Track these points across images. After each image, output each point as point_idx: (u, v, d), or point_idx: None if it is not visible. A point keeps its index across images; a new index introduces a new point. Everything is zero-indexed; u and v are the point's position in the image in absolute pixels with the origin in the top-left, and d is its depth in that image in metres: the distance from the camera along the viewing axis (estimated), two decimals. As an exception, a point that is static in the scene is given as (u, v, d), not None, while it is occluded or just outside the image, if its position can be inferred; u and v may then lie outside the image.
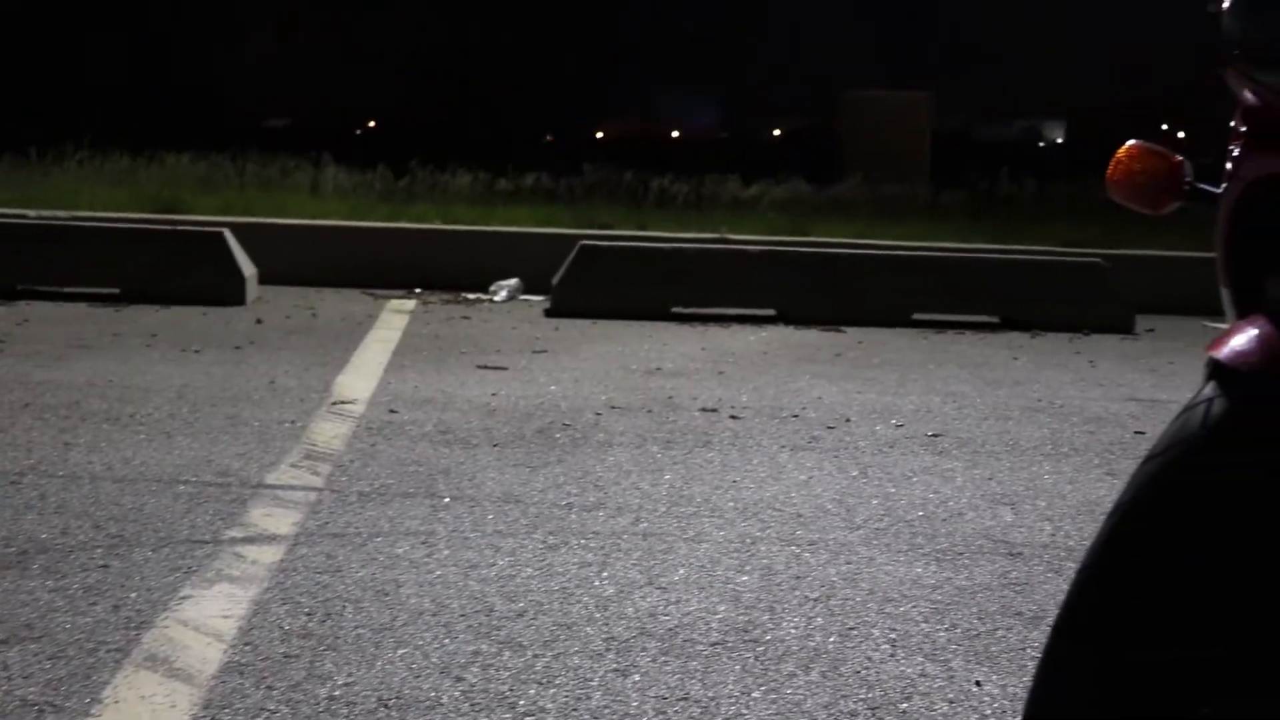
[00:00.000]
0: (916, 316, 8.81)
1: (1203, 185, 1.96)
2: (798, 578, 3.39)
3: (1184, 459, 1.52)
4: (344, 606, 3.03)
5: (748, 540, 3.70)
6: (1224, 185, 1.83)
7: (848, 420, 5.44)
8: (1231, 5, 1.73)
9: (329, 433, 4.84)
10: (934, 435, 5.20)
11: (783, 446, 4.91)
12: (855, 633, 3.01)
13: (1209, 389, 1.58)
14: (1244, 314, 1.78)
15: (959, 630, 3.06)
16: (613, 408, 5.51)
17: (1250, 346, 1.55)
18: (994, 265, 9.38)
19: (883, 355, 7.35)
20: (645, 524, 3.82)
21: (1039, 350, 7.86)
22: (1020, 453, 4.97)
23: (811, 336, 8.04)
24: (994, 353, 7.66)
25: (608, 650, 2.84)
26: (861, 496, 4.23)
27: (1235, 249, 1.87)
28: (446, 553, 3.47)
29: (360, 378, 6.01)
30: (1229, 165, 1.81)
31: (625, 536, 3.69)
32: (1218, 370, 1.60)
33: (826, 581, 3.37)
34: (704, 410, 5.54)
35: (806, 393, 6.06)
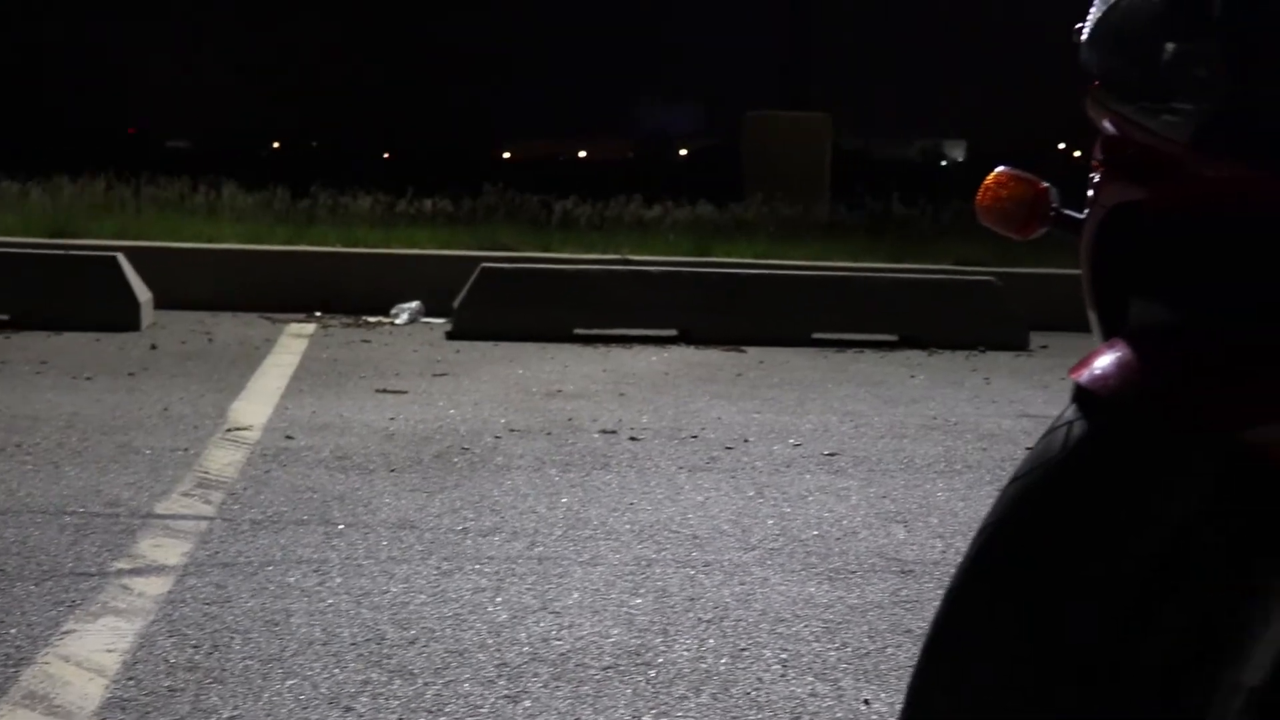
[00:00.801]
0: (817, 335, 8.89)
1: (1067, 211, 2.01)
2: (692, 599, 3.41)
3: (1045, 482, 1.55)
4: (232, 638, 2.99)
5: (643, 563, 3.71)
6: (1086, 211, 1.88)
7: (746, 440, 5.48)
8: (1089, 37, 1.78)
9: (222, 460, 4.78)
10: (830, 454, 5.26)
11: (681, 467, 4.94)
12: (747, 654, 3.03)
13: (1070, 412, 1.62)
14: (1110, 336, 1.83)
15: (849, 649, 3.09)
16: (512, 430, 5.50)
17: (1109, 370, 1.59)
18: (892, 284, 9.50)
19: (782, 375, 7.41)
20: (541, 548, 3.82)
21: (936, 368, 7.97)
22: (915, 470, 5.03)
23: (713, 356, 8.09)
24: (892, 371, 7.75)
25: (499, 677, 2.83)
26: (757, 517, 4.26)
27: (1099, 273, 1.92)
28: (339, 580, 3.44)
29: (256, 403, 5.94)
30: (1090, 192, 1.86)
31: (520, 561, 3.68)
32: (1080, 393, 1.64)
33: (720, 603, 3.39)
34: (603, 432, 5.55)
35: (706, 413, 6.09)
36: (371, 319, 9.32)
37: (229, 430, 5.30)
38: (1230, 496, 1.59)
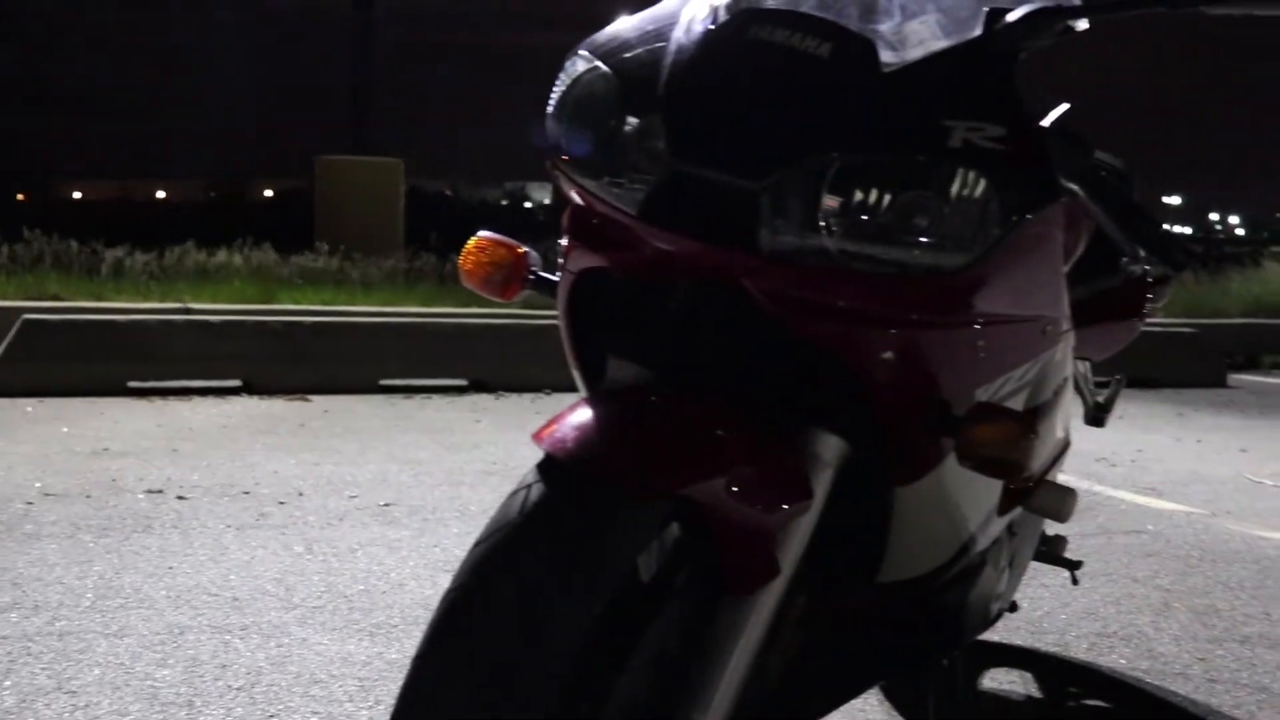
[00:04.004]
0: (385, 382, 8.85)
1: (544, 274, 2.09)
2: (223, 666, 3.30)
3: (503, 546, 1.58)
4: None
5: (175, 631, 3.57)
6: (559, 275, 1.96)
7: (300, 494, 5.37)
8: (552, 113, 1.85)
9: None
10: (386, 505, 5.23)
11: (228, 526, 4.78)
12: (275, 720, 2.96)
13: (530, 474, 1.66)
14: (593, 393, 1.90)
15: (382, 706, 3.07)
16: (47, 495, 5.18)
17: (566, 435, 1.65)
18: (461, 329, 9.56)
19: (346, 424, 7.33)
20: (63, 622, 3.60)
21: (501, 412, 8.08)
22: (468, 518, 5.07)
23: (277, 407, 7.90)
24: (458, 416, 7.80)
25: (-1, 768, 2.64)
26: (304, 575, 4.18)
27: (577, 333, 1.99)
28: None
29: None
30: (560, 258, 1.93)
31: (38, 638, 3.46)
32: (545, 457, 1.68)
33: (254, 668, 3.30)
34: (149, 492, 5.31)
35: (262, 467, 5.93)
36: (-102, 377, 8.56)
37: None
38: (682, 549, 1.68)
